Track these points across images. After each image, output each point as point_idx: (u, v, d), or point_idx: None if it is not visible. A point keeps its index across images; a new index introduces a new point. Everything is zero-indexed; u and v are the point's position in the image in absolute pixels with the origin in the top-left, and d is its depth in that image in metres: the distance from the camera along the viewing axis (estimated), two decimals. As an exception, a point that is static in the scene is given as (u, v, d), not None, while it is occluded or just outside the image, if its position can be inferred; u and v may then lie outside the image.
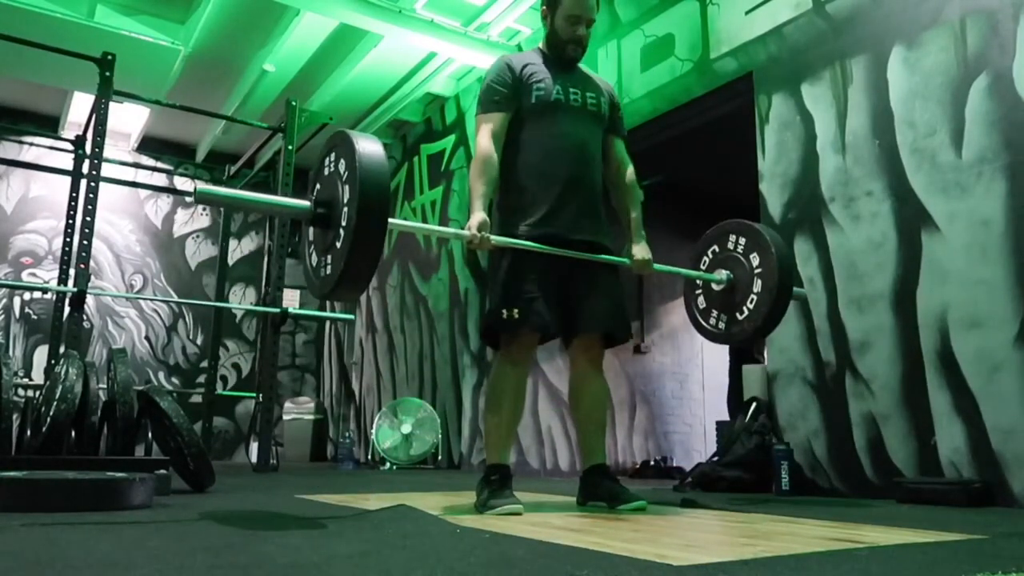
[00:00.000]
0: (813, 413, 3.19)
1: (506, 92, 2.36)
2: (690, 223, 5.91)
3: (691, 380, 6.02)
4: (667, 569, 1.14)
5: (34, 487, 1.90)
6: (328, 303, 7.97)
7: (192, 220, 7.52)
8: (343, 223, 1.73)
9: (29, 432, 3.69)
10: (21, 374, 6.31)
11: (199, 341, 7.32)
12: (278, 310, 4.69)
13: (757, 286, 2.52)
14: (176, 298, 7.11)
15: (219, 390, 6.75)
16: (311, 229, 1.93)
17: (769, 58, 3.61)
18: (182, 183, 7.47)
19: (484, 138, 2.32)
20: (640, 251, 2.43)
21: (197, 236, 7.53)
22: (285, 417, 6.96)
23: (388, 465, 5.45)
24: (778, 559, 1.26)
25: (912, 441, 2.85)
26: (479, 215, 2.18)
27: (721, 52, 3.85)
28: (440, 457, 5.61)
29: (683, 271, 2.67)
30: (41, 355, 6.41)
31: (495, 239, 2.18)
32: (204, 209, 7.57)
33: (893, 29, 3.11)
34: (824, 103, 3.33)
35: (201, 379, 7.01)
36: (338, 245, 1.75)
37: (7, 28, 4.41)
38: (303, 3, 4.77)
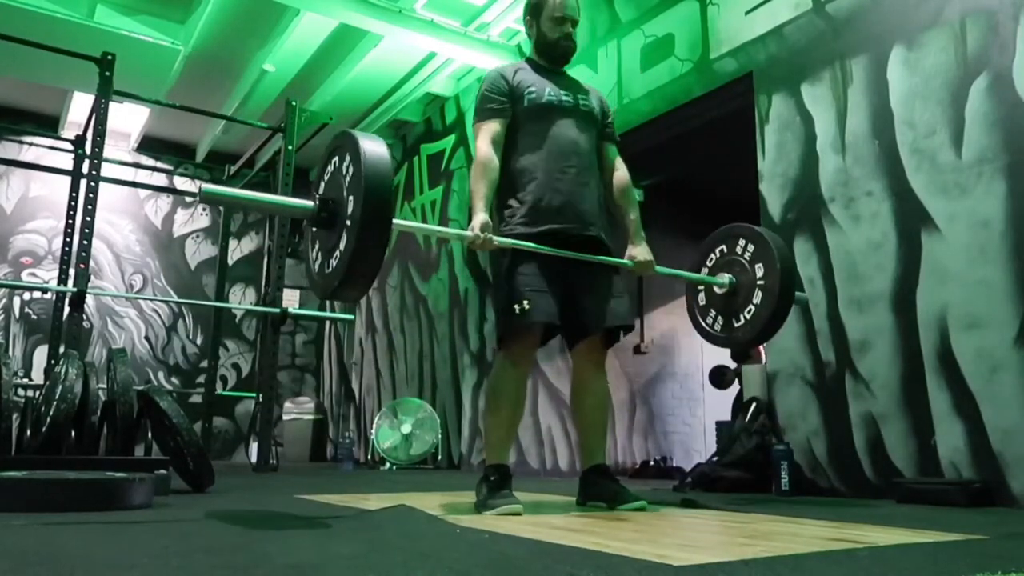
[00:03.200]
0: (813, 413, 3.19)
1: (502, 99, 2.41)
2: (690, 223, 5.91)
3: (691, 380, 6.02)
4: (667, 569, 1.14)
5: (34, 487, 1.90)
6: (328, 303, 7.98)
7: (192, 220, 7.52)
8: (347, 223, 1.74)
9: (29, 432, 3.69)
10: (21, 374, 6.31)
11: (199, 341, 7.32)
12: (278, 310, 4.69)
13: (757, 297, 2.52)
14: (176, 298, 7.11)
15: (219, 390, 6.75)
16: (314, 229, 1.93)
17: (769, 58, 3.61)
18: (182, 183, 7.47)
19: (483, 143, 2.36)
20: (641, 252, 2.44)
21: (197, 236, 7.53)
22: (285, 417, 6.96)
23: (388, 465, 5.45)
24: (778, 559, 1.26)
25: (912, 441, 2.85)
26: (481, 216, 2.20)
27: (721, 52, 3.85)
28: (440, 457, 5.61)
29: (686, 274, 2.68)
30: (41, 355, 6.41)
31: (497, 240, 2.19)
32: (204, 209, 7.56)
33: (893, 29, 3.11)
34: (824, 103, 3.33)
35: (201, 379, 7.01)
36: (342, 244, 1.75)
37: (7, 28, 4.41)
38: (303, 3, 4.77)
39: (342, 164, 1.81)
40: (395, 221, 1.82)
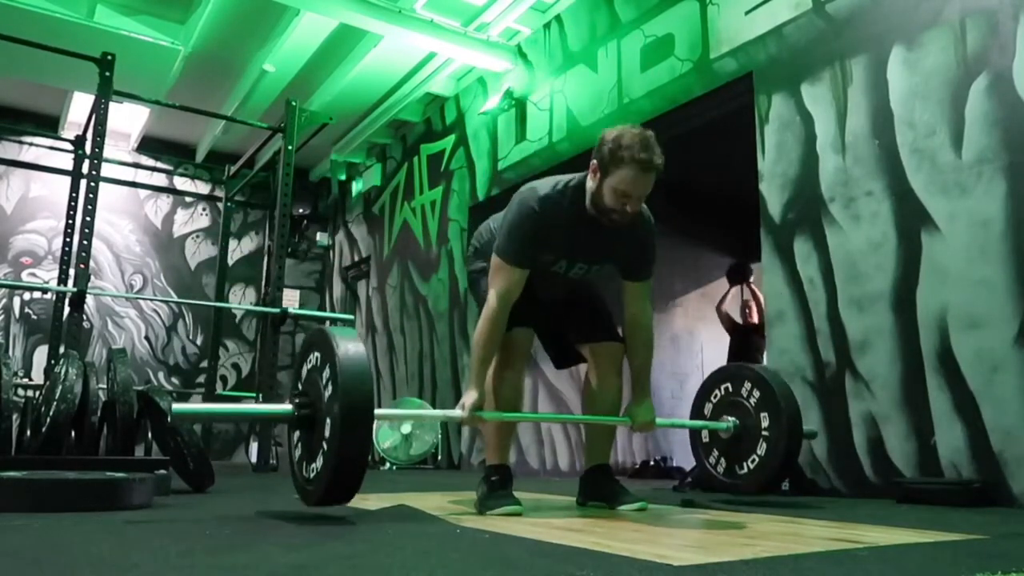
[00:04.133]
0: (813, 413, 3.19)
1: (531, 249, 2.16)
2: (690, 223, 5.95)
3: (691, 380, 6.02)
4: (667, 569, 1.14)
5: (34, 487, 1.90)
6: (328, 303, 7.98)
7: (192, 220, 7.52)
8: (324, 444, 1.70)
9: (29, 432, 3.69)
10: (21, 374, 6.30)
11: (199, 341, 7.32)
12: (278, 310, 4.69)
13: (762, 448, 2.50)
14: (176, 298, 7.11)
15: (219, 390, 6.75)
16: (296, 432, 1.90)
17: (769, 58, 3.61)
18: (182, 183, 7.48)
19: (500, 295, 2.12)
20: (642, 412, 2.29)
21: (197, 236, 7.53)
22: (285, 417, 6.94)
23: (388, 465, 5.45)
24: (778, 559, 1.26)
25: (912, 441, 2.85)
26: (474, 394, 2.09)
27: (721, 52, 3.85)
28: (440, 457, 5.61)
29: (688, 423, 2.69)
30: (41, 355, 6.41)
31: (488, 415, 2.15)
32: (204, 209, 7.57)
33: (893, 29, 3.11)
34: (824, 103, 3.33)
35: (201, 379, 7.01)
36: (318, 463, 1.72)
37: (7, 28, 4.41)
38: (303, 3, 4.78)
39: (322, 369, 1.77)
40: (376, 412, 1.74)
